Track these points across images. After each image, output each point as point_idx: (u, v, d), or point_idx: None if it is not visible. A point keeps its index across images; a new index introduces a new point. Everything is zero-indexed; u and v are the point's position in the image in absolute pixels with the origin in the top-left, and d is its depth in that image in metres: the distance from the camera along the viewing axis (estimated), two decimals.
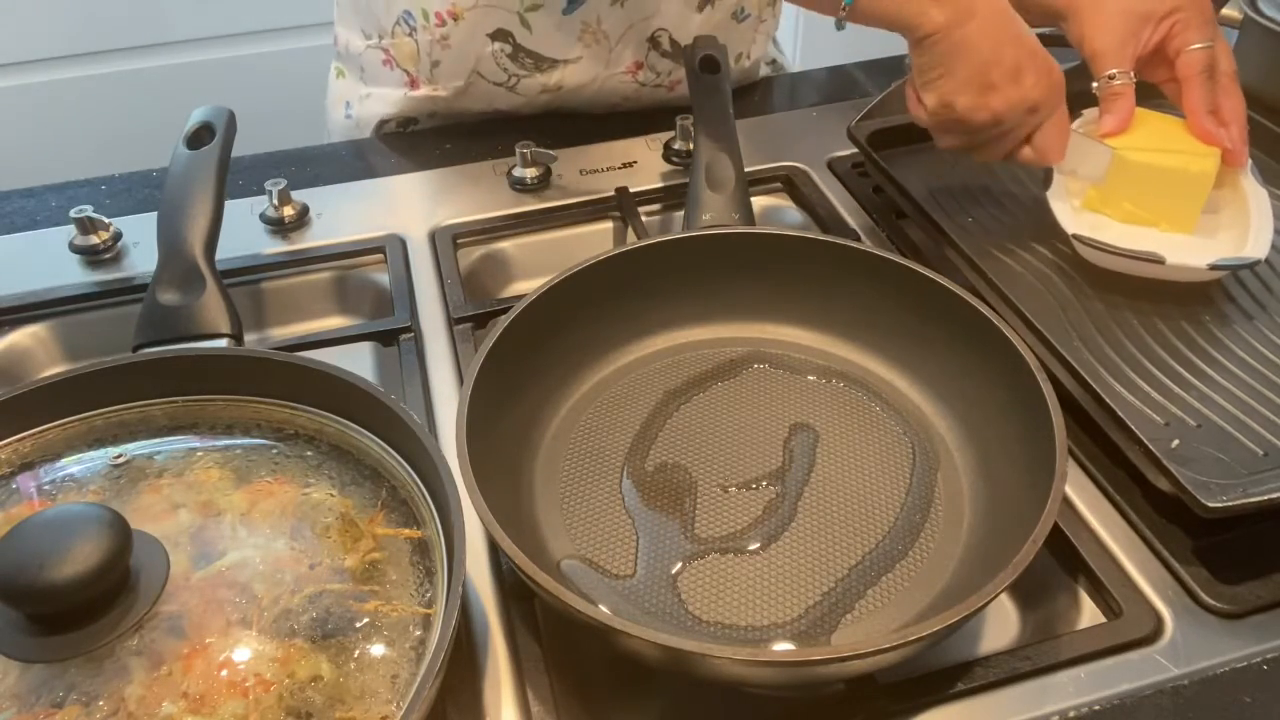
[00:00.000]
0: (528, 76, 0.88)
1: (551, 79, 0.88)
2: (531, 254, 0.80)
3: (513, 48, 0.86)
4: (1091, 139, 0.69)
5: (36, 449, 0.53)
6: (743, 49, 0.93)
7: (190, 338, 0.59)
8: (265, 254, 0.76)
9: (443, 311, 0.71)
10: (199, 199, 0.63)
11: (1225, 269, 0.66)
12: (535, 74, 0.88)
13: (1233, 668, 0.50)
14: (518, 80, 0.88)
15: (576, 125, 0.90)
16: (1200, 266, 0.65)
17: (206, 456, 0.52)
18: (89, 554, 0.41)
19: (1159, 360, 0.63)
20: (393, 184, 0.84)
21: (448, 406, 0.64)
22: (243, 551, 0.47)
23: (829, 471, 0.58)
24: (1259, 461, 0.57)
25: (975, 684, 0.49)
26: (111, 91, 1.74)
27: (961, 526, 0.56)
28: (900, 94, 0.81)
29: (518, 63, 0.87)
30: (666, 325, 0.67)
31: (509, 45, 0.86)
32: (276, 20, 1.75)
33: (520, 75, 0.88)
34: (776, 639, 0.51)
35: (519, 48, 0.86)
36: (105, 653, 0.42)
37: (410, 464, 0.51)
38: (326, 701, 0.42)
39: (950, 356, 0.61)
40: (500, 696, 0.49)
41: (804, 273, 0.65)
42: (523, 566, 0.45)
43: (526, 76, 0.88)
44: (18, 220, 0.81)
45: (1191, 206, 0.68)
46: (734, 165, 0.68)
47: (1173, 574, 0.54)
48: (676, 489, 0.58)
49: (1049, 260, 0.71)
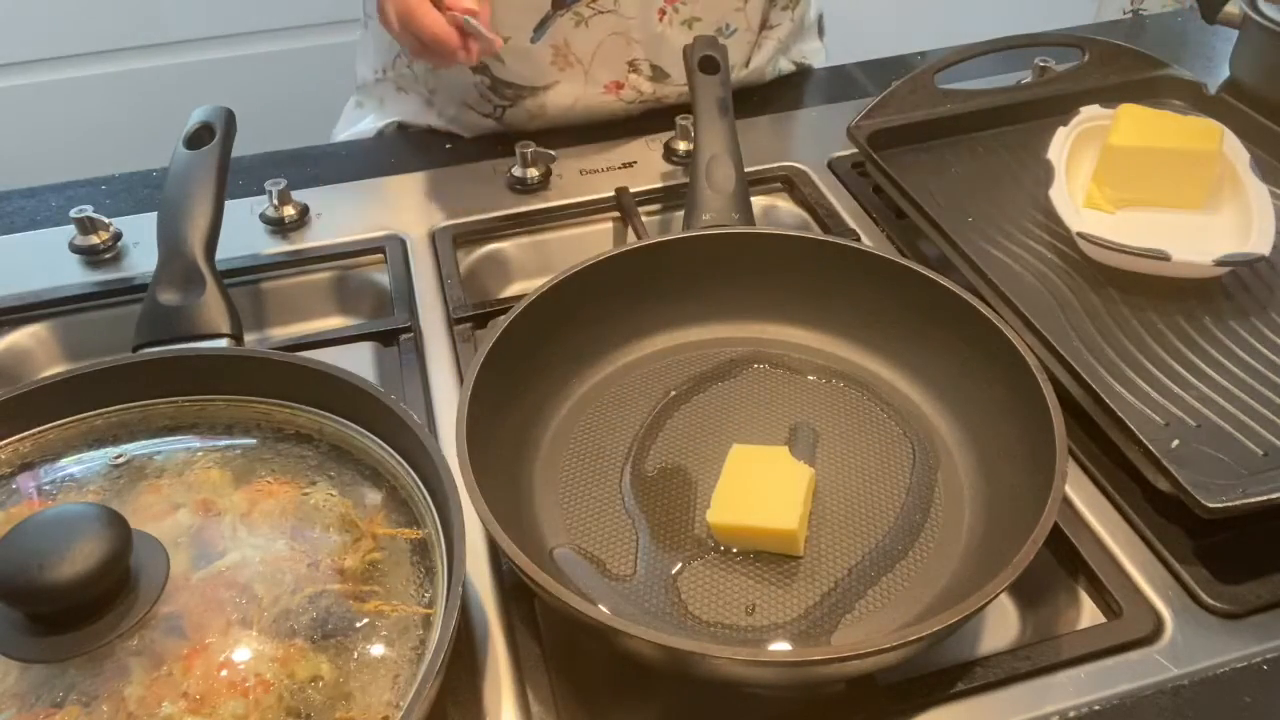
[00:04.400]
0: (511, 107, 0.89)
1: (534, 104, 0.88)
2: (531, 254, 0.80)
3: (491, 80, 0.87)
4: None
5: (36, 449, 0.53)
6: (737, 58, 0.92)
7: (190, 338, 0.59)
8: (265, 254, 0.76)
9: (443, 311, 0.71)
10: (199, 199, 0.63)
11: (1231, 264, 0.66)
12: (518, 102, 0.88)
13: (1233, 668, 0.50)
14: (502, 111, 0.89)
15: (577, 125, 0.90)
16: (1205, 262, 0.65)
17: (206, 456, 0.52)
18: (89, 554, 0.41)
19: (1159, 360, 0.63)
20: (393, 184, 0.84)
21: (448, 406, 0.64)
22: (243, 551, 0.47)
23: (829, 471, 0.58)
24: (1259, 461, 0.57)
25: (975, 684, 0.49)
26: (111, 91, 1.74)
27: (961, 526, 0.56)
28: (900, 94, 0.81)
29: (499, 94, 0.88)
30: (666, 325, 0.67)
31: (487, 78, 0.87)
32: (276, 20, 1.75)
33: (504, 105, 0.89)
34: (776, 639, 0.51)
35: (496, 80, 0.87)
36: (105, 653, 0.42)
37: (410, 464, 0.51)
38: (326, 702, 0.42)
39: (950, 356, 0.61)
40: (500, 696, 0.49)
41: (804, 273, 0.65)
42: (523, 567, 0.45)
43: (510, 106, 0.89)
44: (18, 220, 0.81)
45: (1199, 184, 0.69)
46: (734, 165, 0.68)
47: (1173, 574, 0.54)
48: (677, 489, 0.58)
49: (1049, 260, 0.71)
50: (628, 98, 0.89)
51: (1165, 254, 0.65)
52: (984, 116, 0.84)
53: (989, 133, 0.84)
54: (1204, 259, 0.65)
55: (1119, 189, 0.73)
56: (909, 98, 0.83)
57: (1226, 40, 0.91)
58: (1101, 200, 0.72)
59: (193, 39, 1.74)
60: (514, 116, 0.90)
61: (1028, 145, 0.81)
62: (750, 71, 0.95)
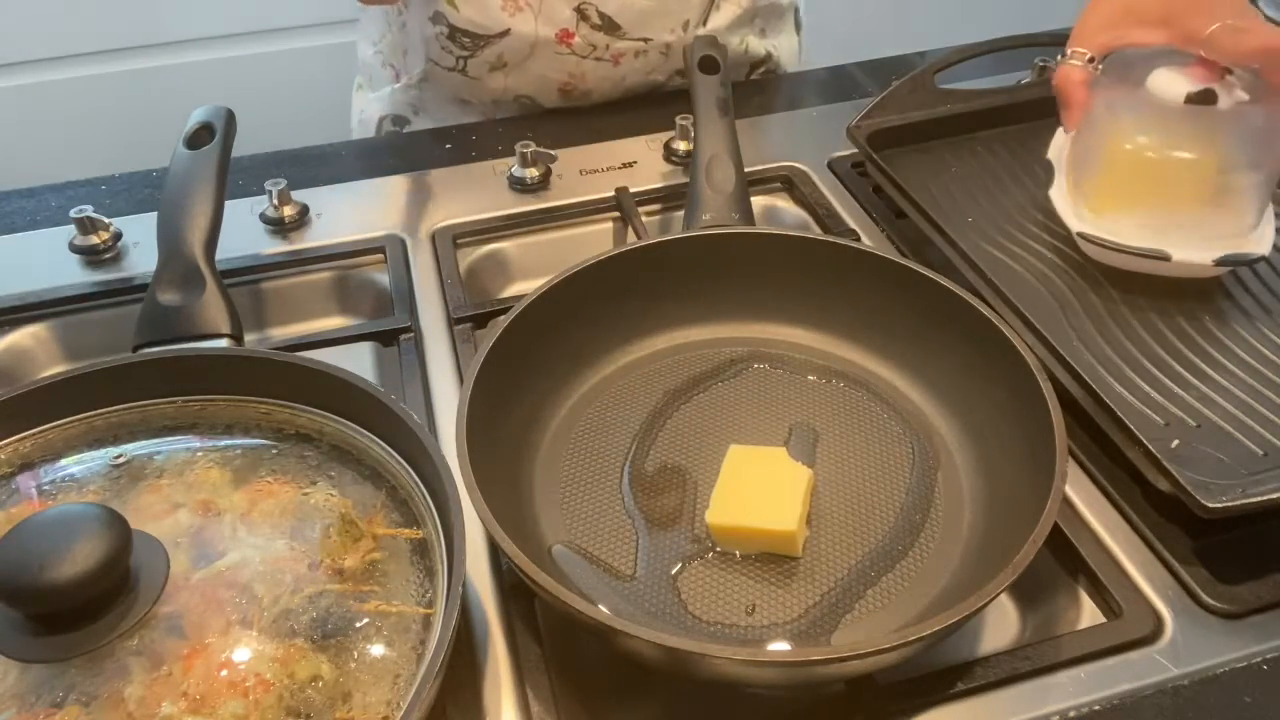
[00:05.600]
0: (471, 57, 0.90)
1: (492, 54, 0.90)
2: (531, 254, 0.80)
3: (448, 29, 0.89)
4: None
5: (36, 449, 0.53)
6: (692, 16, 0.91)
7: (190, 338, 0.59)
8: (265, 254, 0.76)
9: (443, 311, 0.71)
10: (199, 199, 0.63)
11: (1231, 264, 0.66)
12: (477, 52, 0.90)
13: (1233, 668, 0.50)
14: (464, 62, 0.91)
15: (577, 125, 0.90)
16: (1206, 262, 0.65)
17: (206, 456, 0.52)
18: (89, 554, 0.41)
19: (1159, 360, 0.63)
20: (393, 184, 0.84)
21: (448, 406, 0.64)
22: (243, 551, 0.47)
23: (829, 471, 0.58)
24: (1259, 461, 0.57)
25: (975, 684, 0.49)
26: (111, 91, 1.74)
27: (961, 526, 0.56)
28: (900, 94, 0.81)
29: (456, 43, 0.90)
30: (666, 325, 0.67)
31: (445, 27, 0.89)
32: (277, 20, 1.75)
33: (464, 56, 0.90)
34: (776, 639, 0.51)
35: (453, 29, 0.89)
36: (105, 653, 0.42)
37: (410, 464, 0.51)
38: (326, 702, 0.42)
39: (950, 357, 0.61)
40: (500, 696, 0.49)
41: (804, 273, 0.65)
42: (523, 567, 0.45)
43: (470, 57, 0.90)
44: (18, 220, 0.81)
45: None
46: (734, 165, 0.68)
47: (1173, 574, 0.54)
48: (677, 489, 0.58)
49: (1049, 260, 0.71)
50: (581, 49, 0.89)
51: (1165, 254, 0.65)
52: (984, 116, 0.84)
53: (989, 133, 0.84)
54: (1204, 259, 0.65)
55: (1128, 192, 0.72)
56: (909, 98, 0.83)
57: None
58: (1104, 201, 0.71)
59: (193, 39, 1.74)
60: (476, 68, 0.91)
61: (1028, 145, 0.81)
62: (707, 35, 0.93)
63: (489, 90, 0.93)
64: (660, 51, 0.92)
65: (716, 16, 0.93)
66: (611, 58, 0.91)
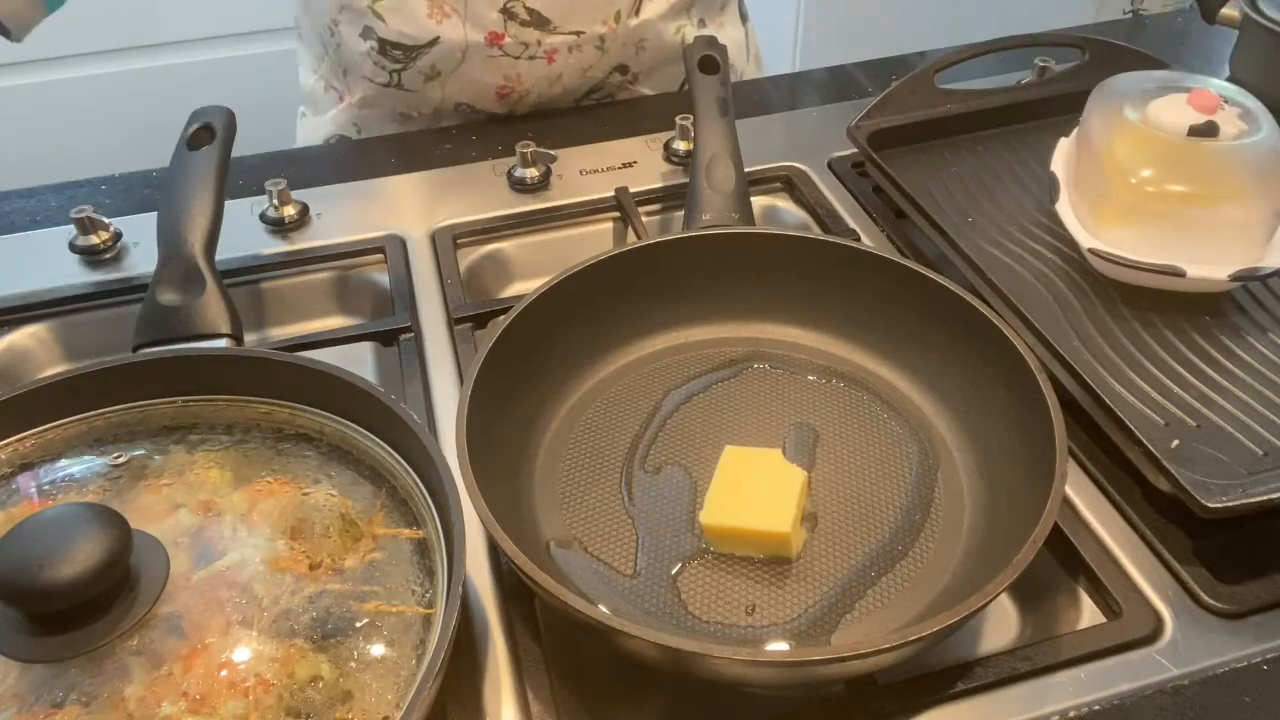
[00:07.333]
0: (404, 69, 0.89)
1: (425, 64, 0.89)
2: (531, 254, 0.80)
3: (378, 43, 0.88)
4: None
5: (36, 449, 0.53)
6: (619, 6, 0.89)
7: (190, 338, 0.59)
8: (265, 254, 0.76)
9: (443, 311, 0.71)
10: (199, 199, 0.63)
11: (1246, 279, 0.65)
12: (409, 64, 0.89)
13: (1233, 668, 0.50)
14: (398, 76, 0.90)
15: (576, 125, 0.90)
16: (1220, 278, 0.64)
17: (206, 457, 0.52)
18: (89, 554, 0.41)
19: (1159, 360, 0.63)
20: (393, 184, 0.84)
21: (448, 406, 0.64)
22: (243, 551, 0.47)
23: (829, 471, 0.58)
24: (1259, 461, 0.56)
25: (975, 684, 0.49)
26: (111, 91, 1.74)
27: (961, 526, 0.56)
28: (901, 94, 0.81)
29: (388, 56, 0.89)
30: (666, 325, 0.67)
31: (375, 41, 0.88)
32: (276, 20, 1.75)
33: (397, 69, 0.90)
34: (776, 639, 0.51)
35: (383, 42, 0.88)
36: (105, 653, 0.42)
37: (410, 464, 0.51)
38: (326, 702, 0.42)
39: (950, 357, 0.61)
40: (500, 696, 0.49)
41: (804, 273, 0.65)
42: (523, 567, 0.45)
43: (403, 69, 0.89)
44: (18, 220, 0.81)
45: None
46: (734, 165, 0.68)
47: (1173, 574, 0.54)
48: (677, 489, 0.58)
49: (1049, 260, 0.71)
50: (513, 50, 0.88)
51: (1180, 270, 0.64)
52: (984, 116, 0.84)
53: (989, 133, 0.84)
54: (1219, 275, 0.64)
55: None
56: (909, 98, 0.83)
57: (1226, 40, 0.91)
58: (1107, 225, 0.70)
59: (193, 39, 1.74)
60: (411, 80, 0.90)
61: (1028, 145, 0.81)
62: (642, 24, 0.92)
63: (428, 101, 0.92)
64: (595, 45, 0.90)
65: (650, 5, 0.92)
66: (545, 55, 0.89)
